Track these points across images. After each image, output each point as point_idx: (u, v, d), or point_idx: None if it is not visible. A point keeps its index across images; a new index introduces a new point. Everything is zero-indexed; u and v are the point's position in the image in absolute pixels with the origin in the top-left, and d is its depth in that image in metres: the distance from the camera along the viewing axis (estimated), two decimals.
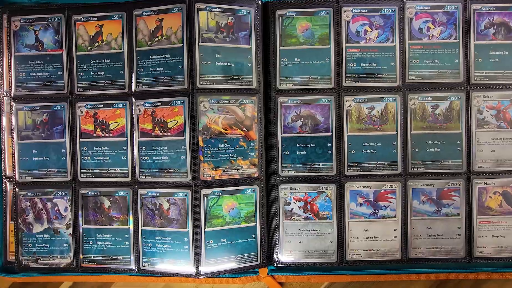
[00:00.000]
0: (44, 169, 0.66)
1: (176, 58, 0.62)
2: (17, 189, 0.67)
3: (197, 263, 0.62)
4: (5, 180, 0.68)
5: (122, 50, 0.65)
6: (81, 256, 0.66)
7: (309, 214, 0.65)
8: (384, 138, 0.65)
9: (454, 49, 0.65)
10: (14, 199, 0.67)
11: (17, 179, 0.67)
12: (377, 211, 0.65)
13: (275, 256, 0.66)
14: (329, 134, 0.65)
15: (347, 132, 0.65)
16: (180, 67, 0.62)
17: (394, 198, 0.65)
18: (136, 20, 0.64)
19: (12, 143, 0.66)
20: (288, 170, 0.65)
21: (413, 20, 0.65)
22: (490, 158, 0.65)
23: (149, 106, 0.63)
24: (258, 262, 0.65)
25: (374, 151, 0.65)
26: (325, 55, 0.65)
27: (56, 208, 0.66)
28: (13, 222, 0.67)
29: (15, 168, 0.67)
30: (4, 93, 0.67)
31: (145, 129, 0.64)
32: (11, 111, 0.66)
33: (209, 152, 0.62)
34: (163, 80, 0.63)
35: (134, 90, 0.64)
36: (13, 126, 0.66)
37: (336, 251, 0.65)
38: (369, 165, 0.65)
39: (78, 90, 0.66)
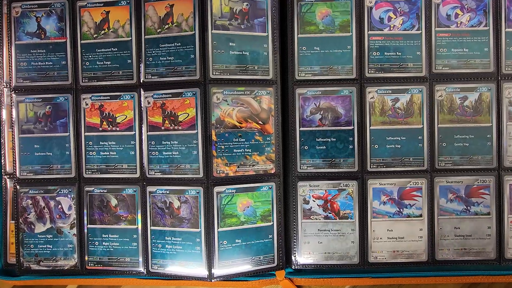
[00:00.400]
0: (46, 165, 0.64)
1: (188, 47, 0.60)
2: (17, 187, 0.65)
3: (210, 266, 0.60)
4: (5, 177, 0.66)
5: (130, 38, 0.63)
6: (86, 258, 0.64)
7: (329, 213, 0.63)
8: (409, 132, 0.62)
9: (484, 37, 0.62)
10: (14, 197, 0.65)
11: (18, 175, 0.65)
12: (401, 210, 0.63)
13: (293, 257, 0.64)
14: (351, 127, 0.62)
15: (370, 126, 0.63)
16: (192, 56, 0.60)
17: (420, 196, 0.63)
18: (145, 6, 0.62)
19: (12, 138, 0.64)
20: (307, 166, 0.63)
21: (440, 6, 0.62)
22: None
23: (158, 98, 0.61)
24: (275, 264, 0.63)
25: (399, 146, 0.62)
26: (346, 44, 0.62)
27: (60, 206, 0.64)
28: (13, 222, 0.65)
29: (15, 164, 0.65)
30: (4, 84, 0.65)
31: (155, 122, 0.62)
32: (11, 103, 0.64)
33: (222, 147, 0.60)
34: (174, 70, 0.61)
35: (143, 80, 0.62)
36: (13, 119, 0.64)
37: (358, 253, 0.63)
38: (393, 161, 0.63)
39: (83, 80, 0.64)
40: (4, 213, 0.66)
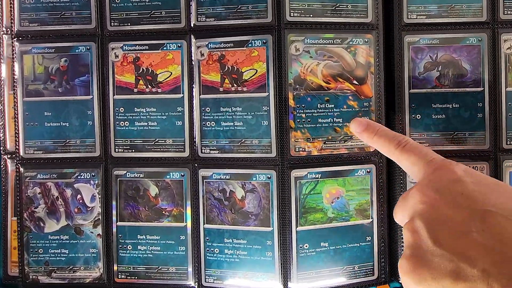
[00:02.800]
0: (61, 140, 0.60)
1: None
2: (21, 169, 0.60)
3: (285, 278, 0.56)
4: (5, 156, 0.61)
5: None
6: (115, 268, 0.60)
7: None
8: None
9: None
10: (17, 183, 0.60)
11: (21, 154, 0.60)
12: None
13: None
14: (480, 89, 0.57)
15: (506, 87, 0.57)
16: None
17: None
18: None
19: (14, 102, 0.60)
20: (420, 142, 0.56)
21: None
22: None
23: (215, 48, 0.57)
24: (375, 276, 0.58)
25: None
26: None
27: (79, 197, 0.60)
28: (16, 219, 0.61)
29: (18, 138, 0.60)
30: (4, 29, 0.60)
31: (210, 81, 0.57)
32: (13, 55, 0.59)
33: (303, 115, 0.56)
34: (236, 10, 0.56)
35: (194, 24, 0.57)
36: (16, 77, 0.59)
37: None
38: None
39: (112, 24, 0.59)
40: (4, 207, 0.61)
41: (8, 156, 0.61)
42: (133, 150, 0.59)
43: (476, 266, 0.31)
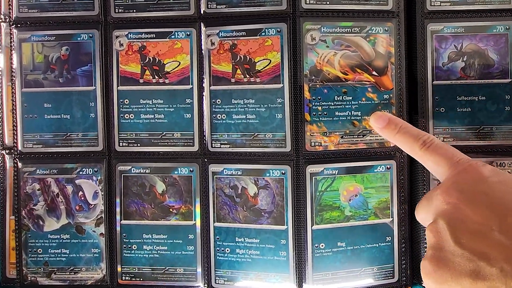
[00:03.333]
0: (62, 133, 0.59)
1: None
2: (19, 164, 0.58)
3: (300, 279, 0.55)
4: (3, 152, 0.59)
5: None
6: (119, 269, 0.59)
7: None
8: None
9: None
10: (15, 180, 0.58)
11: (19, 148, 0.58)
12: None
13: None
14: (508, 80, 0.55)
15: None
16: None
17: None
18: None
19: (12, 93, 0.58)
20: (444, 137, 0.56)
21: None
22: None
23: (227, 36, 0.56)
24: (396, 279, 0.57)
25: None
26: None
27: (81, 193, 0.59)
28: (14, 217, 0.59)
29: (16, 131, 0.58)
30: (2, 16, 0.59)
31: (221, 72, 0.57)
32: (11, 43, 0.58)
33: (319, 108, 0.55)
34: None
35: (204, 11, 0.56)
36: (14, 67, 0.58)
37: None
38: None
39: (116, 10, 0.58)
40: (2, 206, 0.59)
41: (7, 152, 0.59)
42: (139, 144, 0.58)
43: (495, 265, 0.32)
